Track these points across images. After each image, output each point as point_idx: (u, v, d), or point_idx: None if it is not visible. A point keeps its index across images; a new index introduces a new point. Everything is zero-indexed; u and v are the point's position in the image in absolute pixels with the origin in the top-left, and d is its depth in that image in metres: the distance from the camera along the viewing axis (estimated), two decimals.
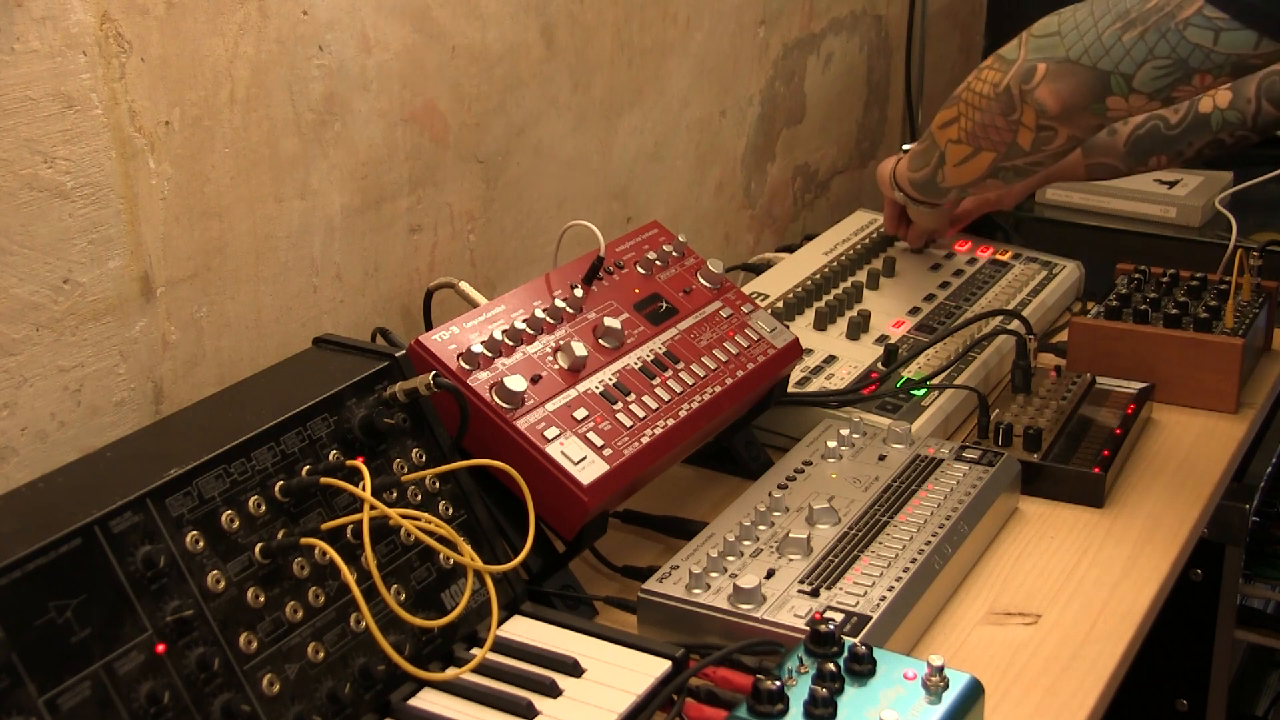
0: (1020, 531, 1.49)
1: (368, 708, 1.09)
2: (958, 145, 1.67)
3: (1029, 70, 1.53)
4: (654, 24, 1.92)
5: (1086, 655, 1.28)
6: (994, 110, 1.59)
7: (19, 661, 0.90)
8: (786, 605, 1.24)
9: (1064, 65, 1.50)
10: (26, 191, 1.15)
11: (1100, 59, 1.47)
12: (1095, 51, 1.47)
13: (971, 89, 1.62)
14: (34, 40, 1.14)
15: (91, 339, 1.23)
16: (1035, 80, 1.52)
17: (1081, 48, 1.48)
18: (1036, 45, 1.53)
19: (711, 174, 2.12)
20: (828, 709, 1.05)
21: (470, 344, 1.32)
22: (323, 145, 1.44)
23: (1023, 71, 1.53)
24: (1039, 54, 1.52)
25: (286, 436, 1.12)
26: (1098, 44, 1.47)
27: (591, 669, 1.15)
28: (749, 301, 1.59)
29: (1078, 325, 1.80)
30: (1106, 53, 1.46)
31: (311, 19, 1.39)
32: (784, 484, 1.44)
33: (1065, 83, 1.50)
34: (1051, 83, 1.51)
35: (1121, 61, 1.45)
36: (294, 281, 1.43)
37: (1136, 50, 1.44)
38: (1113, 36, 1.45)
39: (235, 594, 1.04)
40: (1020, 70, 1.54)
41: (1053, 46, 1.51)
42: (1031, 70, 1.52)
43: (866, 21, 2.49)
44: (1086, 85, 1.49)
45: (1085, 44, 1.48)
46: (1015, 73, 1.54)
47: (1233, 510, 1.79)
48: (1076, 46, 1.49)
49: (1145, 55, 1.44)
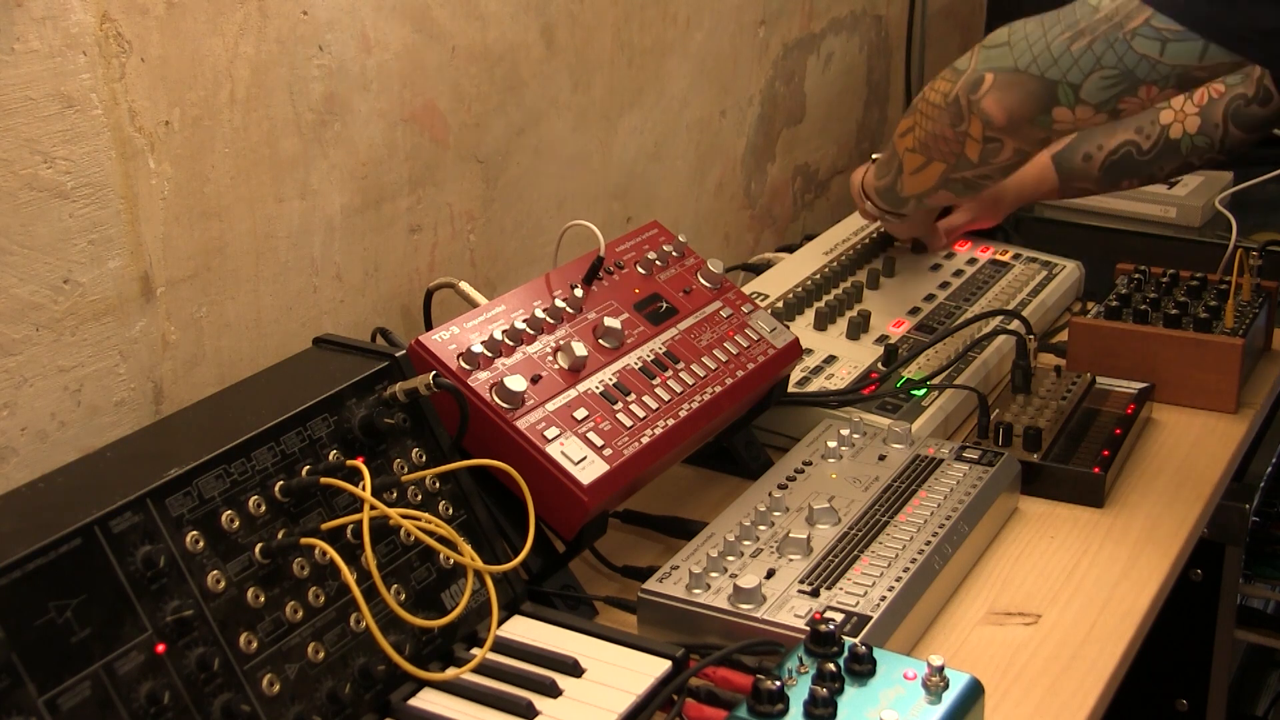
0: (1020, 531, 1.49)
1: (368, 708, 1.09)
2: (912, 154, 1.67)
3: (977, 80, 1.52)
4: (654, 24, 1.92)
5: (1086, 655, 1.28)
6: (943, 120, 1.58)
7: (19, 661, 0.90)
8: (786, 605, 1.24)
9: (1012, 75, 1.49)
10: (26, 191, 1.15)
11: (1048, 69, 1.46)
12: (1043, 61, 1.47)
13: (925, 98, 1.62)
14: (34, 40, 1.14)
15: (91, 339, 1.23)
16: (982, 90, 1.52)
17: (1030, 57, 1.47)
18: (986, 56, 1.52)
19: (711, 174, 2.12)
20: (828, 709, 1.05)
21: (470, 344, 1.32)
22: (323, 145, 1.44)
23: (971, 81, 1.53)
24: (988, 64, 1.52)
25: (286, 436, 1.12)
26: (1046, 54, 1.46)
27: (591, 669, 1.15)
28: (749, 301, 1.59)
29: (1078, 325, 1.80)
30: (1054, 62, 1.46)
31: (311, 19, 1.39)
32: (784, 484, 1.44)
33: (1012, 93, 1.50)
34: (998, 92, 1.51)
35: (1069, 71, 1.45)
36: (294, 281, 1.43)
37: (1084, 60, 1.44)
38: (1061, 46, 1.45)
39: (235, 594, 1.04)
40: (969, 80, 1.53)
41: (1001, 57, 1.50)
42: (979, 80, 1.52)
43: (866, 21, 2.49)
44: (1033, 96, 1.49)
45: (1034, 54, 1.47)
46: (964, 83, 1.54)
47: (1233, 510, 1.79)
48: (1025, 56, 1.48)
49: (1093, 65, 1.44)
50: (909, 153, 1.67)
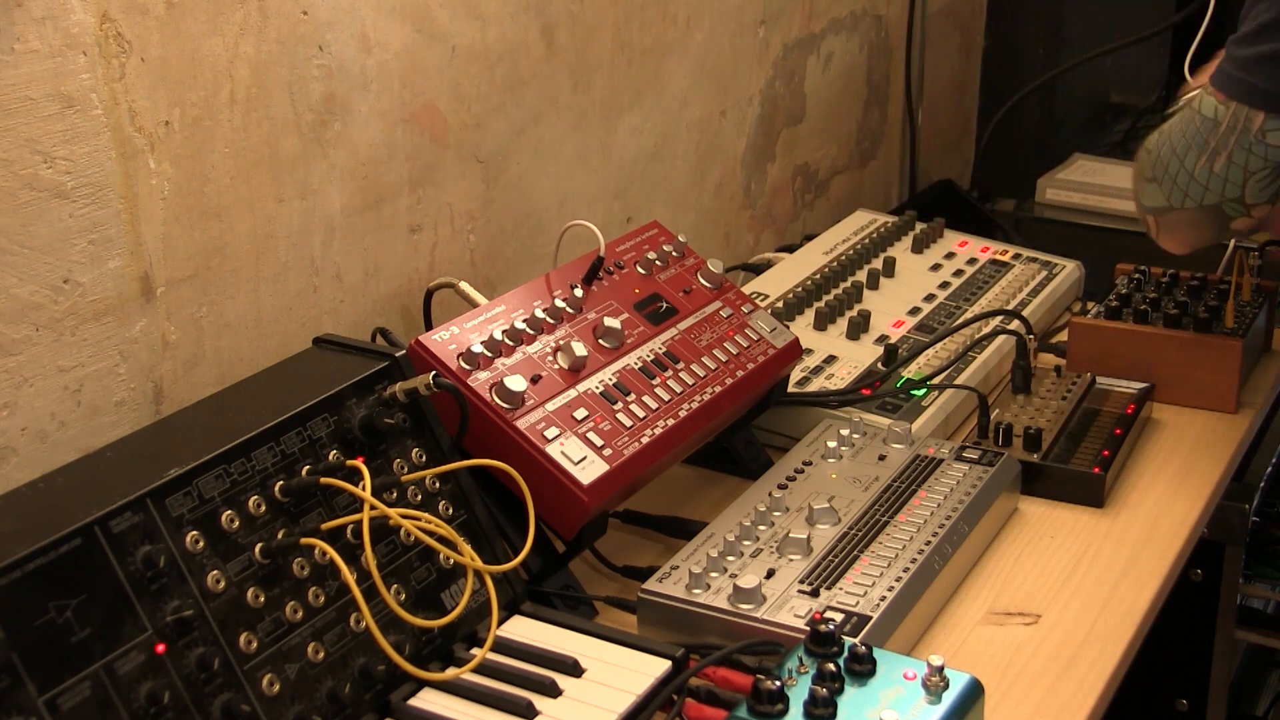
0: (1020, 531, 1.49)
1: (368, 708, 1.09)
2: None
3: (1145, 222, 1.57)
4: (654, 24, 1.92)
5: (1086, 655, 1.28)
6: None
7: (19, 661, 0.90)
8: (786, 605, 1.24)
9: (1170, 214, 1.53)
10: (26, 191, 1.15)
11: (1204, 196, 1.49)
12: (1195, 192, 1.49)
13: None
14: (34, 40, 1.14)
15: (91, 339, 1.23)
16: (1154, 233, 1.57)
17: (1181, 192, 1.50)
18: (1144, 192, 1.55)
19: (711, 174, 2.12)
20: (828, 709, 1.05)
21: (470, 344, 1.32)
22: (323, 145, 1.43)
23: (1143, 221, 1.57)
24: (1147, 203, 1.55)
25: (286, 436, 1.12)
26: (1194, 184, 1.49)
27: (591, 669, 1.15)
28: (749, 301, 1.59)
29: (1078, 325, 1.80)
30: (1206, 189, 1.48)
31: (311, 19, 1.39)
32: (784, 484, 1.44)
33: (1182, 231, 1.54)
34: (1169, 232, 1.55)
35: (1225, 189, 1.48)
36: (294, 281, 1.43)
37: (1233, 175, 1.47)
38: (1204, 172, 1.48)
39: (235, 594, 1.04)
40: (1141, 219, 1.57)
41: (1154, 195, 1.53)
42: (1146, 223, 1.56)
43: (866, 21, 2.49)
44: (1204, 223, 1.52)
45: (1183, 187, 1.50)
46: (1140, 216, 1.57)
47: (1233, 510, 1.79)
48: (1176, 192, 1.51)
49: (1243, 176, 1.47)
50: None
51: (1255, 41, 1.44)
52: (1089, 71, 2.74)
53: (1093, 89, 2.97)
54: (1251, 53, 1.44)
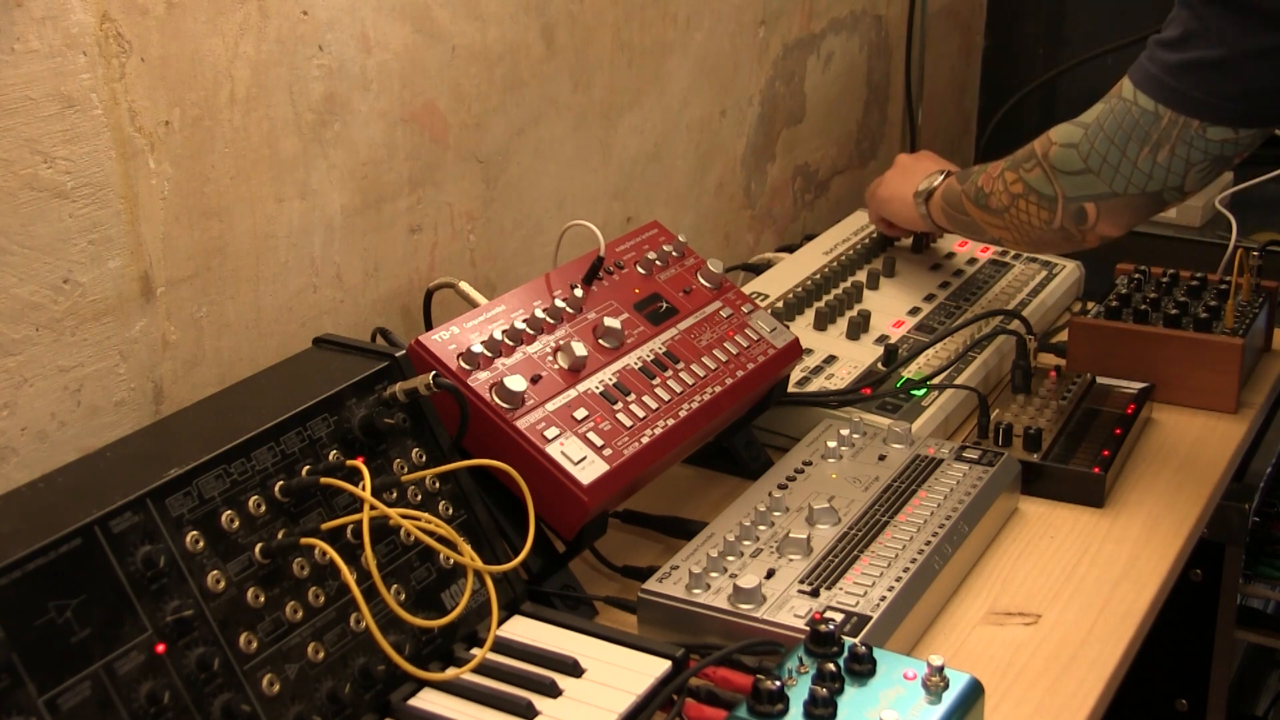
0: (1020, 531, 1.49)
1: (368, 708, 1.09)
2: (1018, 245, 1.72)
3: (1079, 211, 1.57)
4: (654, 24, 1.92)
5: (1086, 655, 1.28)
6: (1054, 237, 1.63)
7: (19, 661, 0.90)
8: (786, 605, 1.24)
9: (1114, 200, 1.54)
10: (26, 191, 1.15)
11: (1146, 185, 1.51)
12: (1138, 180, 1.51)
13: (1015, 215, 1.64)
14: (34, 40, 1.14)
15: (91, 339, 1.23)
16: (1091, 220, 1.57)
17: (1123, 180, 1.52)
18: (1073, 184, 1.56)
19: (711, 174, 2.12)
20: (828, 709, 1.05)
21: (470, 344, 1.32)
22: (323, 145, 1.43)
23: (1073, 213, 1.58)
24: (1081, 193, 1.56)
25: (286, 436, 1.12)
26: (1136, 173, 1.51)
27: (591, 669, 1.15)
28: (749, 301, 1.59)
29: (1078, 325, 1.80)
30: (1149, 178, 1.51)
31: (311, 19, 1.39)
32: (784, 484, 1.44)
33: (1123, 215, 1.56)
34: (1109, 217, 1.56)
35: (1167, 179, 1.50)
36: (294, 281, 1.43)
37: (1175, 167, 1.49)
38: (1147, 162, 1.50)
39: (235, 594, 1.04)
40: (1070, 212, 1.58)
41: (1090, 184, 1.55)
42: (1082, 211, 1.57)
43: (866, 21, 2.49)
44: (1145, 207, 1.54)
45: (1125, 175, 1.52)
46: (1065, 215, 1.58)
47: (1233, 510, 1.79)
48: (1117, 180, 1.53)
49: (1184, 169, 1.49)
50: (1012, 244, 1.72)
51: (1181, 48, 1.45)
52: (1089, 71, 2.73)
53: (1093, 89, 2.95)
54: (1177, 59, 1.45)
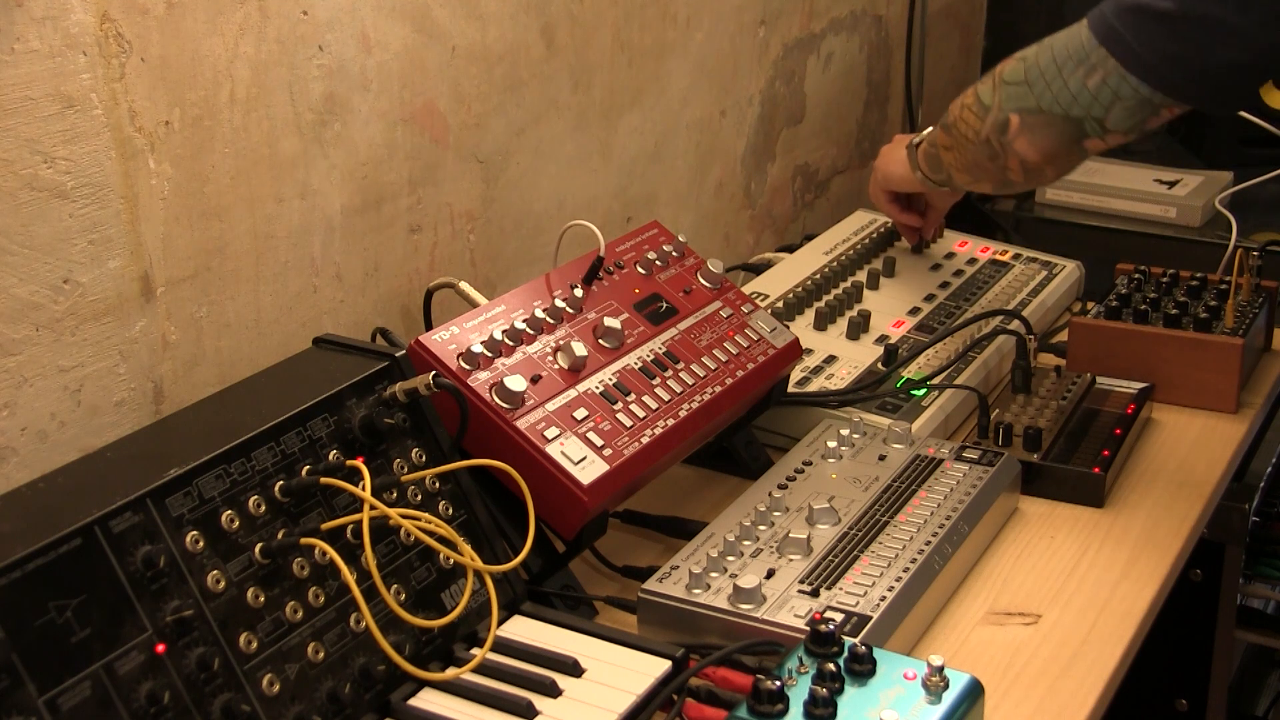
0: (1020, 531, 1.49)
1: (368, 708, 1.09)
2: (960, 172, 1.72)
3: (1003, 122, 1.56)
4: (654, 24, 1.92)
5: (1086, 655, 1.28)
6: (981, 155, 1.63)
7: (19, 661, 0.90)
8: (786, 605, 1.24)
9: (1037, 116, 1.53)
10: (26, 191, 1.15)
11: (1070, 107, 1.50)
12: (1064, 100, 1.50)
13: (958, 128, 1.65)
14: (34, 40, 1.14)
15: (91, 339, 1.23)
16: (1011, 133, 1.56)
17: (1051, 97, 1.51)
18: (1008, 95, 1.56)
19: (711, 174, 2.12)
20: (828, 709, 1.05)
21: (470, 344, 1.32)
22: (323, 145, 1.44)
23: (998, 123, 1.56)
24: (1012, 104, 1.55)
25: (286, 436, 1.12)
26: (1065, 92, 1.50)
27: (591, 669, 1.15)
28: (749, 301, 1.59)
29: (1078, 325, 1.80)
30: (1074, 100, 1.50)
31: (311, 19, 1.39)
32: (784, 484, 1.44)
33: (1041, 134, 1.54)
34: (1028, 134, 1.55)
35: (1091, 107, 1.49)
36: (294, 281, 1.43)
37: (1102, 95, 1.48)
38: (1078, 84, 1.49)
39: (235, 594, 1.04)
40: (995, 122, 1.57)
41: (1022, 96, 1.54)
42: (1005, 122, 1.56)
43: (866, 21, 2.49)
44: (1062, 133, 1.53)
45: (1054, 93, 1.51)
46: (991, 124, 1.58)
47: (1233, 510, 1.79)
48: (1045, 96, 1.52)
49: (1111, 99, 1.48)
50: (955, 170, 1.72)
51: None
52: None
53: None
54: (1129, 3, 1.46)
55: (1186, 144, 2.66)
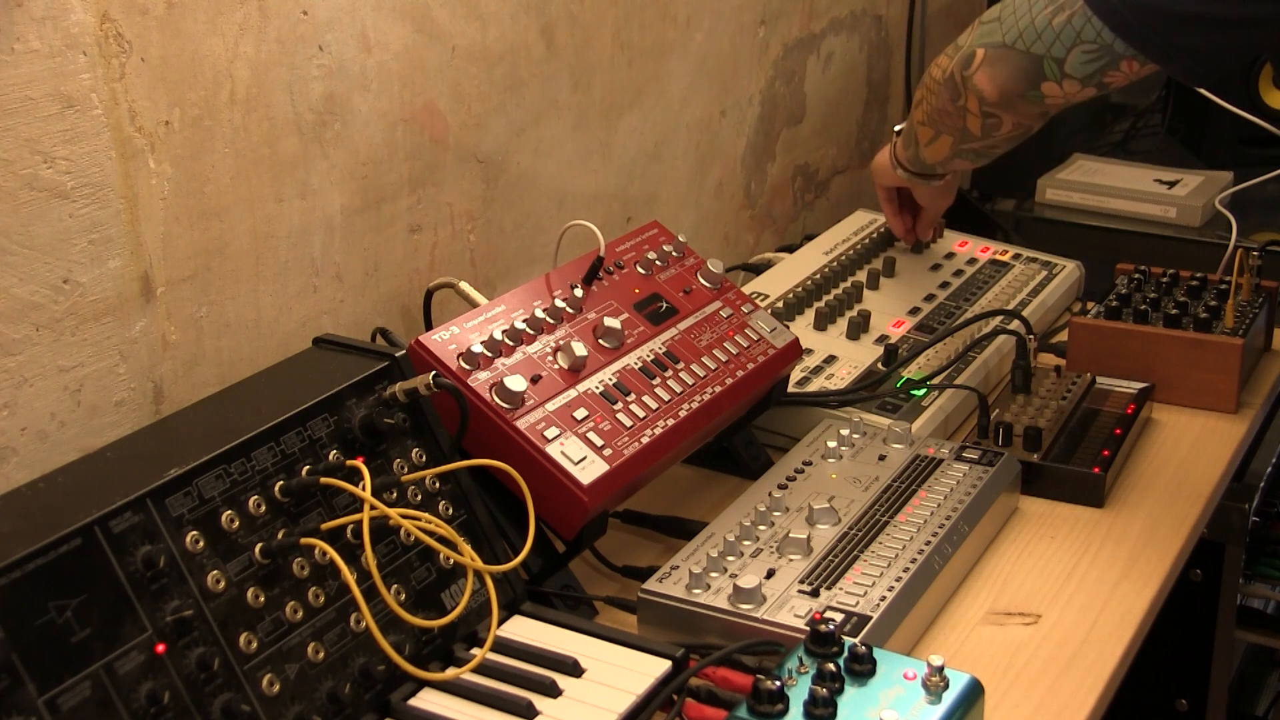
0: (1020, 531, 1.49)
1: (368, 708, 1.09)
2: (923, 127, 1.70)
3: (969, 56, 1.54)
4: (654, 24, 1.92)
5: (1086, 655, 1.28)
6: (945, 96, 1.60)
7: (19, 661, 0.90)
8: (786, 605, 1.24)
9: (1000, 50, 1.51)
10: (26, 191, 1.15)
11: (1033, 43, 1.48)
12: (1029, 36, 1.48)
13: (930, 73, 1.63)
14: (34, 40, 1.14)
15: (91, 339, 1.23)
16: (974, 66, 1.54)
17: (1016, 32, 1.49)
18: (981, 31, 1.54)
19: (711, 174, 2.12)
20: (828, 709, 1.05)
21: (470, 344, 1.32)
22: (323, 145, 1.44)
23: (965, 57, 1.54)
24: (981, 39, 1.54)
25: (286, 436, 1.12)
26: (1030, 28, 1.48)
27: (591, 669, 1.15)
28: (749, 301, 1.59)
29: (1078, 325, 1.80)
30: (1038, 37, 1.47)
31: (311, 19, 1.39)
32: (784, 484, 1.44)
33: (1001, 68, 1.52)
34: (988, 68, 1.52)
35: (1052, 46, 1.46)
36: (294, 281, 1.43)
37: (1065, 35, 1.45)
38: (1044, 21, 1.46)
39: (235, 594, 1.04)
40: (963, 56, 1.55)
41: (991, 32, 1.52)
42: (971, 56, 1.53)
43: (866, 21, 2.49)
44: (1021, 70, 1.50)
45: (1020, 28, 1.49)
46: (959, 58, 1.56)
47: (1233, 510, 1.79)
48: (1012, 31, 1.50)
49: (1073, 40, 1.45)
50: (920, 125, 1.70)
51: None
52: None
53: None
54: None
55: (1186, 144, 2.66)
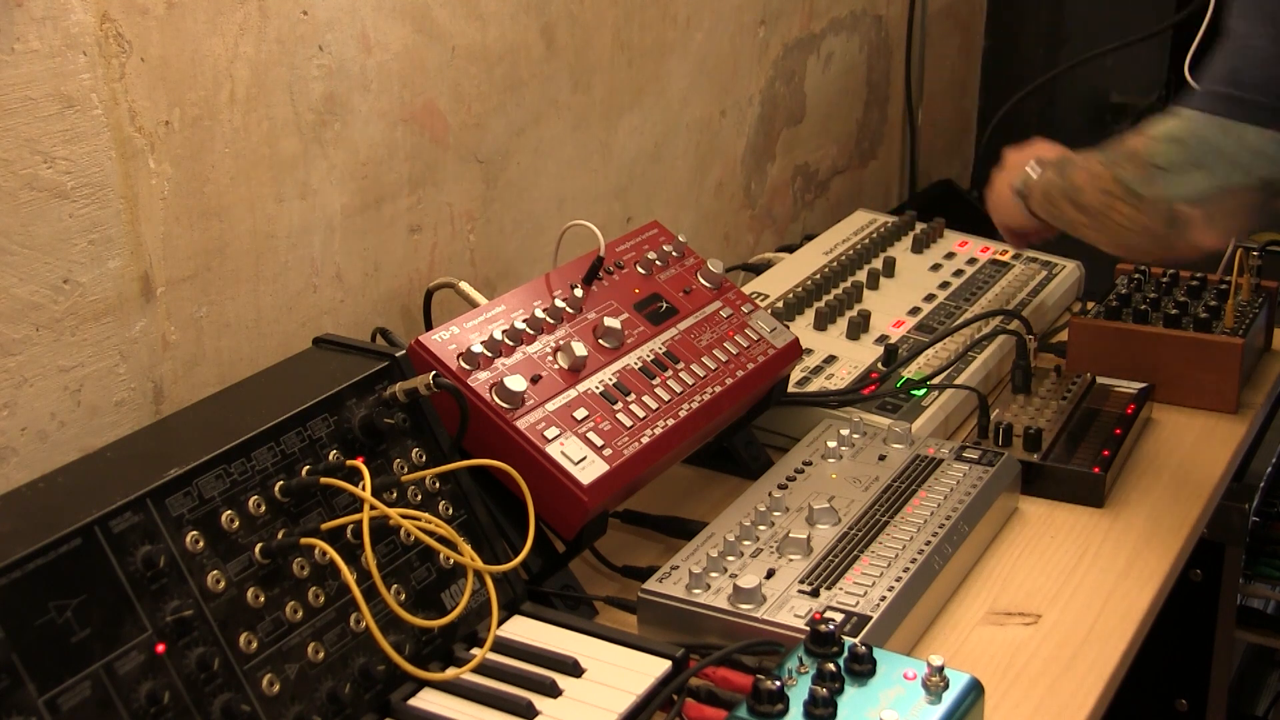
0: (1020, 531, 1.49)
1: (368, 708, 1.09)
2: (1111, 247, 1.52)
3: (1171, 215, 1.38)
4: (654, 24, 1.92)
5: (1086, 655, 1.28)
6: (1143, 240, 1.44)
7: (19, 661, 0.90)
8: (786, 605, 1.24)
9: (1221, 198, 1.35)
10: (26, 191, 1.15)
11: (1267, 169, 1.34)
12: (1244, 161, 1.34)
13: (1110, 217, 1.44)
14: (34, 40, 1.14)
15: (91, 339, 1.23)
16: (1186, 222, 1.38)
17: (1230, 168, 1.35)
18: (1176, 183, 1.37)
19: (711, 174, 2.12)
20: (828, 709, 1.05)
21: (470, 344, 1.32)
22: (323, 145, 1.44)
23: (1166, 216, 1.39)
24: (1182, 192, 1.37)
25: (286, 436, 1.12)
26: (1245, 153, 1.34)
27: (591, 669, 1.15)
28: (749, 301, 1.59)
29: (1078, 325, 1.80)
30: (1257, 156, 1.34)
31: (311, 19, 1.39)
32: (784, 484, 1.44)
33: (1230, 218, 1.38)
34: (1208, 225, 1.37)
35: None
36: (294, 281, 1.43)
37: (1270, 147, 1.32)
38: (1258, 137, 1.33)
39: (235, 594, 1.04)
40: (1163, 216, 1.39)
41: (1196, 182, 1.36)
42: (1174, 215, 1.38)
43: (866, 21, 2.49)
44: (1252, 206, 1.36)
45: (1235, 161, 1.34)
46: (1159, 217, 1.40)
47: (1233, 510, 1.79)
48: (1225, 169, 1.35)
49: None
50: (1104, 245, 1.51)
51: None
52: (1089, 71, 2.74)
53: (1093, 89, 2.97)
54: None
55: None
